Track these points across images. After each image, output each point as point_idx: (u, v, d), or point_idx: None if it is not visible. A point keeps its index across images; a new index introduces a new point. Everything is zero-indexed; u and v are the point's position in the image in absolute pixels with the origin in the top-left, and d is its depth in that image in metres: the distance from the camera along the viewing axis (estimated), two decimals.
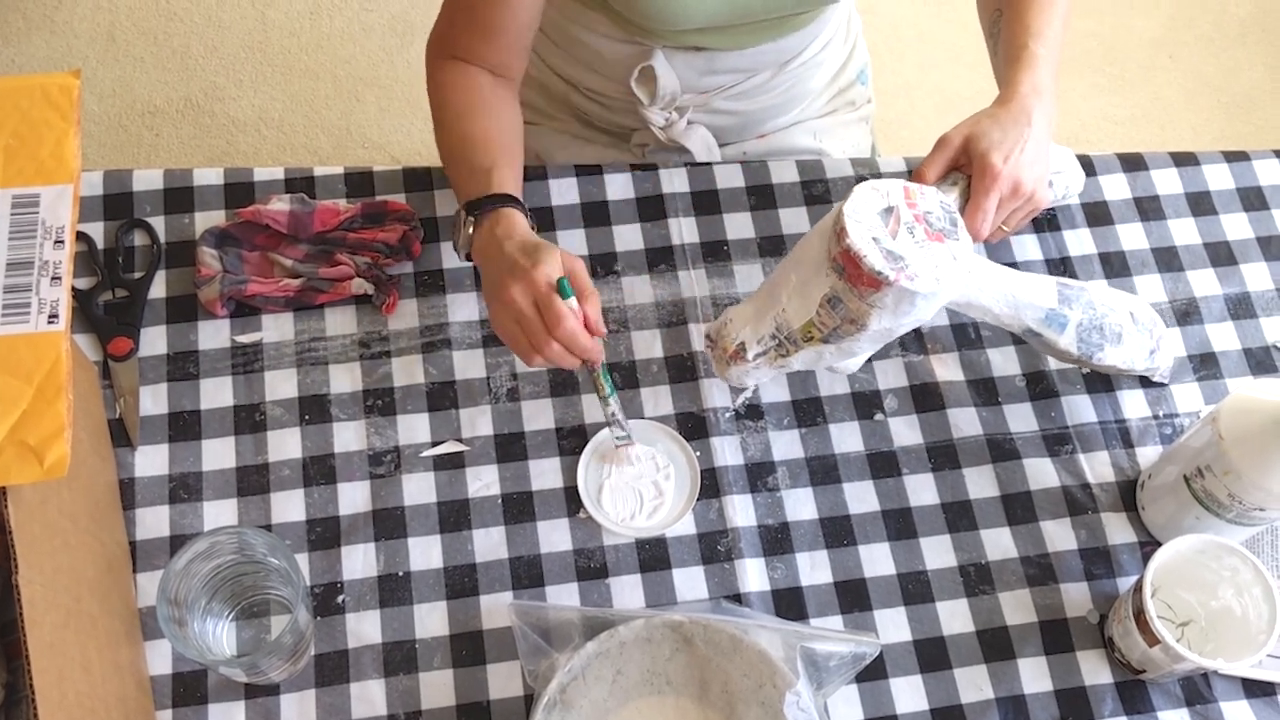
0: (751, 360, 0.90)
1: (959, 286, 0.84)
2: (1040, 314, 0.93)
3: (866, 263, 0.80)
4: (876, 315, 0.83)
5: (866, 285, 0.81)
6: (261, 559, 0.83)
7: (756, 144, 1.24)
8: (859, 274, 0.81)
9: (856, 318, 0.84)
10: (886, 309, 0.82)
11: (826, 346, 0.88)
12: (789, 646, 0.86)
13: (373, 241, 1.02)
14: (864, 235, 0.82)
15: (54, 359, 0.68)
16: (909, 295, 0.81)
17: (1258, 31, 2.31)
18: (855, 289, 0.82)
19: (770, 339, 0.89)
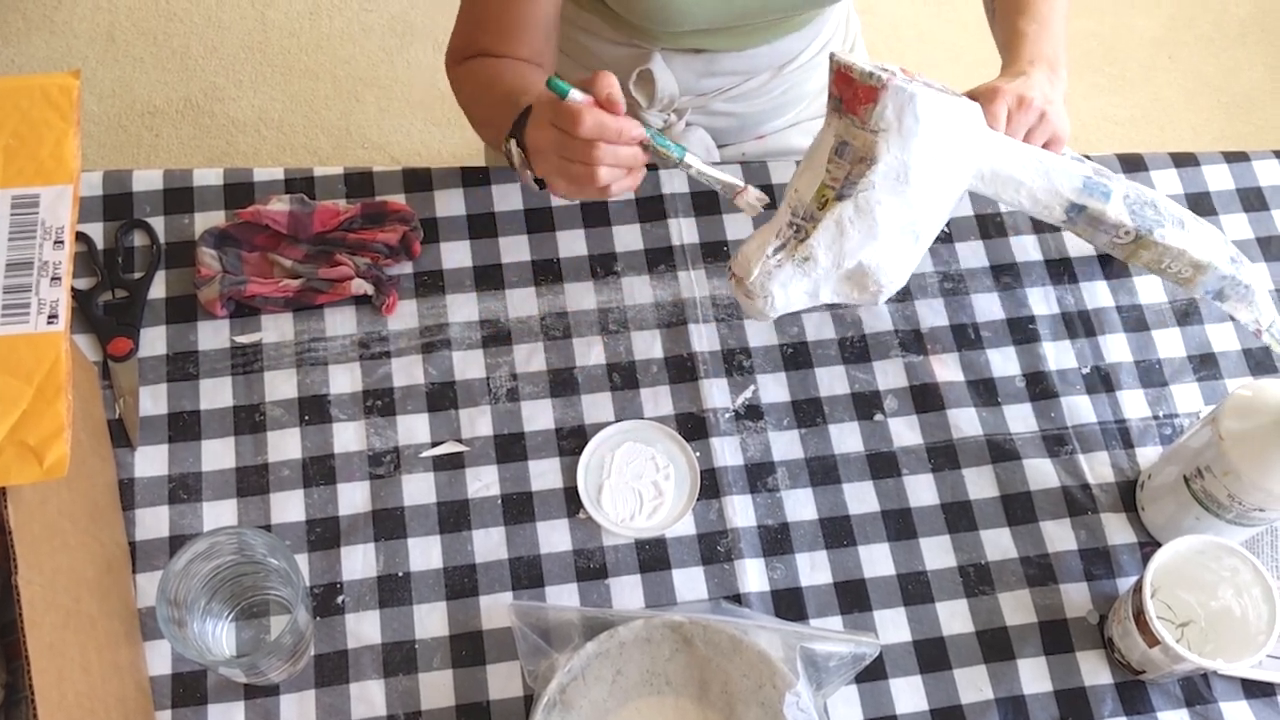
0: (772, 256, 0.84)
1: (986, 133, 0.83)
2: (1078, 181, 0.88)
3: (857, 69, 0.79)
4: (884, 142, 0.80)
5: (864, 101, 0.79)
6: (261, 559, 0.83)
7: (755, 145, 1.24)
8: (853, 90, 0.79)
9: (865, 153, 0.81)
10: (891, 129, 0.79)
11: (844, 209, 0.82)
12: (789, 647, 0.86)
13: (372, 242, 1.02)
14: (852, 58, 0.82)
15: (54, 359, 0.68)
16: (908, 100, 0.79)
17: (1258, 31, 2.31)
18: (855, 116, 0.80)
19: (788, 227, 0.84)
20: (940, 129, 0.81)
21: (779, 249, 0.85)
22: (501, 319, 1.02)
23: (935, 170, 0.83)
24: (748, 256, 0.85)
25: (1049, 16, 0.99)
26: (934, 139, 0.81)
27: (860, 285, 0.86)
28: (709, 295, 1.04)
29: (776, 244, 0.84)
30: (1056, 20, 0.99)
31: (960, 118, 0.82)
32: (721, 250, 1.06)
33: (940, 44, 2.25)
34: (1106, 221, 0.89)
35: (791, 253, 0.84)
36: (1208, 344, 1.04)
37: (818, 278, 0.85)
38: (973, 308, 1.05)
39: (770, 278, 0.84)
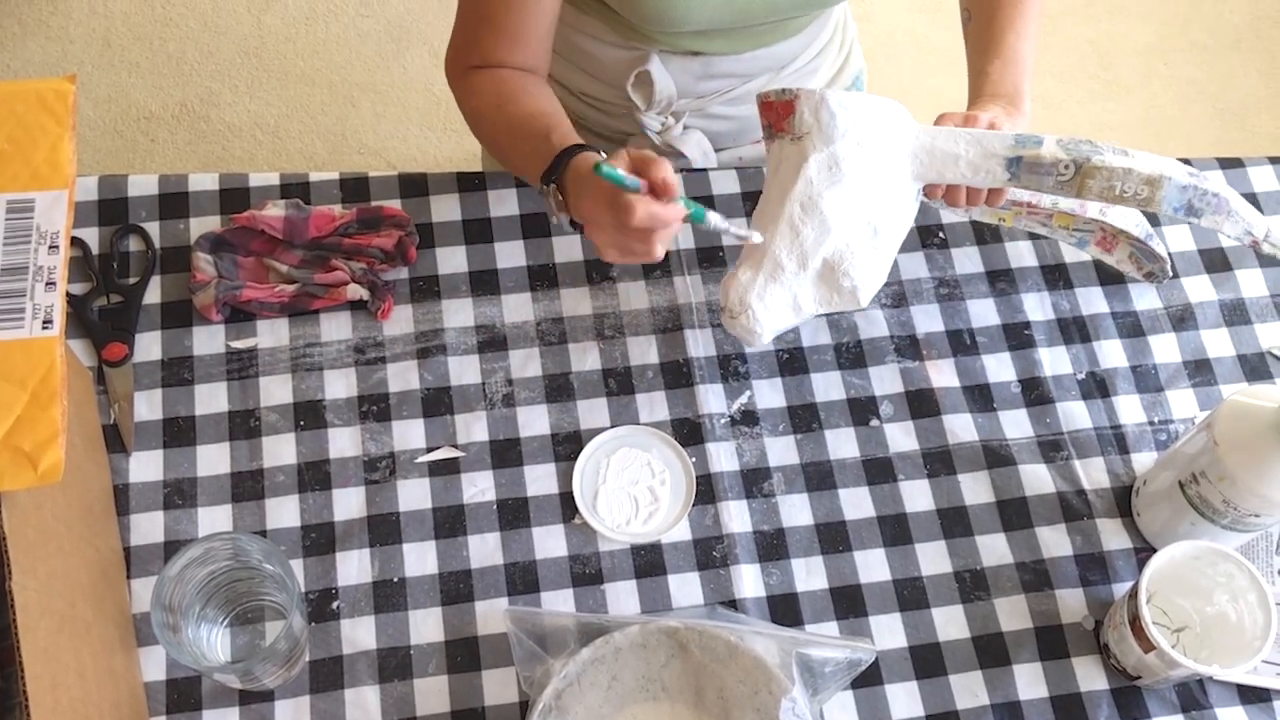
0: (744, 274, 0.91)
1: (890, 116, 0.89)
2: (1009, 140, 0.90)
3: (773, 92, 0.89)
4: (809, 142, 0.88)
5: (784, 115, 0.88)
6: (256, 565, 0.83)
7: (752, 149, 1.24)
8: (774, 111, 0.88)
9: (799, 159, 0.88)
10: (812, 129, 0.87)
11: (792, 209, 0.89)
12: (785, 652, 0.86)
13: (368, 247, 1.02)
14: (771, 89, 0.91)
15: (48, 364, 0.68)
16: (820, 100, 0.86)
17: (1251, 39, 2.32)
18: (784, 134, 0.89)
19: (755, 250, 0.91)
20: (860, 119, 0.87)
21: (748, 267, 0.91)
22: (497, 324, 1.02)
23: (866, 158, 0.89)
24: (726, 286, 0.92)
25: (1015, 49, 1.01)
26: (856, 128, 0.87)
27: (834, 285, 0.92)
28: (705, 301, 1.04)
29: (745, 264, 0.91)
30: (1023, 52, 1.01)
31: (880, 109, 0.89)
32: (717, 256, 1.06)
33: (935, 51, 2.26)
34: (1044, 163, 0.90)
35: (758, 265, 0.90)
36: (1203, 350, 1.04)
37: (790, 284, 0.91)
38: (968, 313, 1.05)
39: (747, 292, 0.90)
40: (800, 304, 0.92)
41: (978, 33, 1.04)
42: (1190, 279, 1.08)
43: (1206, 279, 1.08)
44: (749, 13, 1.03)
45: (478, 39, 1.01)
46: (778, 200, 0.90)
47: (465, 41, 1.02)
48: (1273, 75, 2.29)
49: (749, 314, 0.91)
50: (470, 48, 1.02)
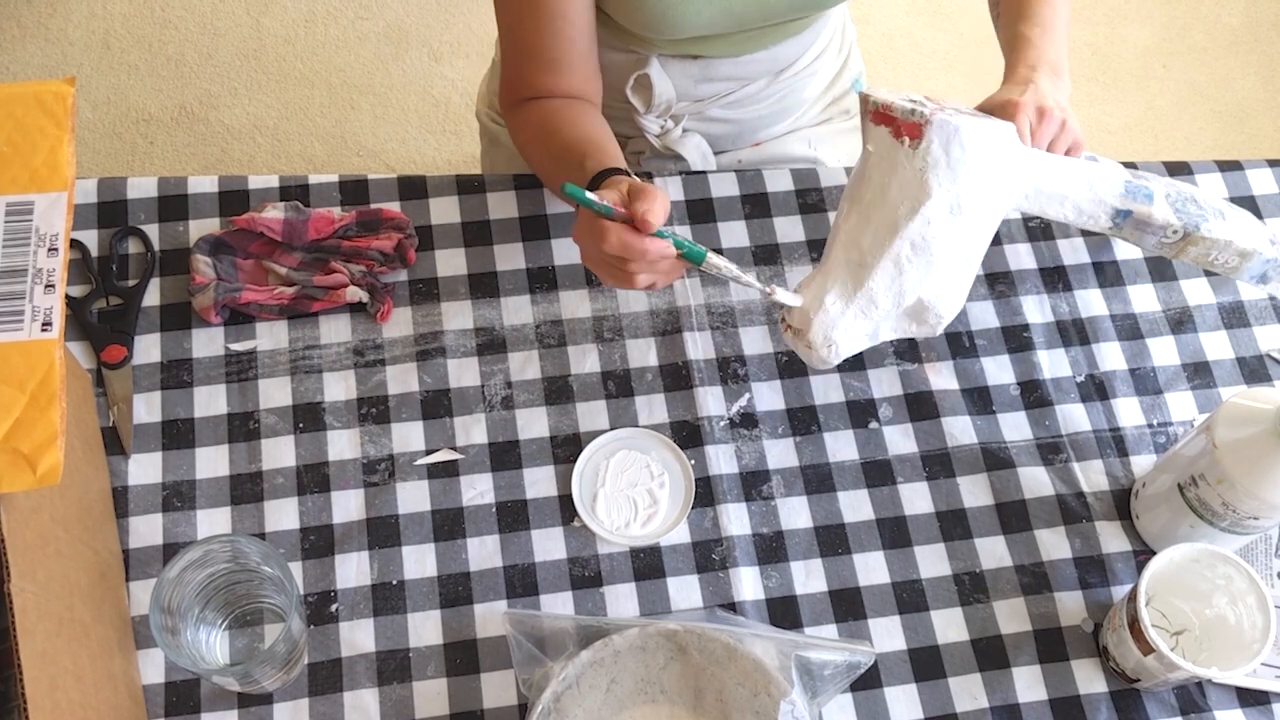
0: (831, 306, 0.84)
1: (1025, 149, 0.84)
2: (1120, 187, 0.88)
3: (898, 107, 0.79)
4: (934, 177, 0.80)
5: (910, 137, 0.79)
6: (255, 567, 0.83)
7: (751, 152, 1.24)
8: (895, 127, 0.79)
9: (917, 193, 0.81)
10: (939, 163, 0.79)
11: (901, 247, 0.82)
12: (784, 655, 0.86)
13: (367, 249, 1.02)
14: (882, 94, 0.81)
15: (47, 367, 0.68)
16: (954, 132, 0.78)
17: (1250, 41, 2.32)
18: (899, 139, 0.81)
19: (843, 271, 0.84)
20: (985, 156, 0.81)
21: (837, 297, 0.84)
22: (496, 327, 1.02)
23: (985, 197, 0.83)
24: (806, 310, 0.85)
25: (1052, 21, 0.99)
26: (981, 167, 0.81)
27: (919, 319, 0.87)
28: (704, 303, 1.04)
29: (834, 292, 0.84)
30: (1059, 25, 0.99)
31: (1000, 142, 0.82)
32: None
33: (934, 54, 2.26)
34: (1154, 224, 0.89)
35: (850, 297, 0.84)
36: (1202, 352, 1.05)
37: (878, 319, 0.86)
38: (967, 316, 1.05)
39: (833, 327, 0.85)
40: (879, 334, 0.87)
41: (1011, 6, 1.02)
42: (1189, 282, 1.08)
43: (1205, 282, 1.08)
44: (745, 17, 1.03)
45: (522, 73, 1.01)
46: (885, 230, 0.83)
47: (512, 76, 1.03)
48: (1271, 78, 2.29)
49: (831, 348, 0.86)
50: (518, 82, 1.02)
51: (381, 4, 2.22)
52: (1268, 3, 2.36)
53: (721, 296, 1.04)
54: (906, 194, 0.81)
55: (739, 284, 0.86)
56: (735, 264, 0.87)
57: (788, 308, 0.87)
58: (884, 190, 0.83)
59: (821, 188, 1.10)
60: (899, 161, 0.81)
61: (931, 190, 0.80)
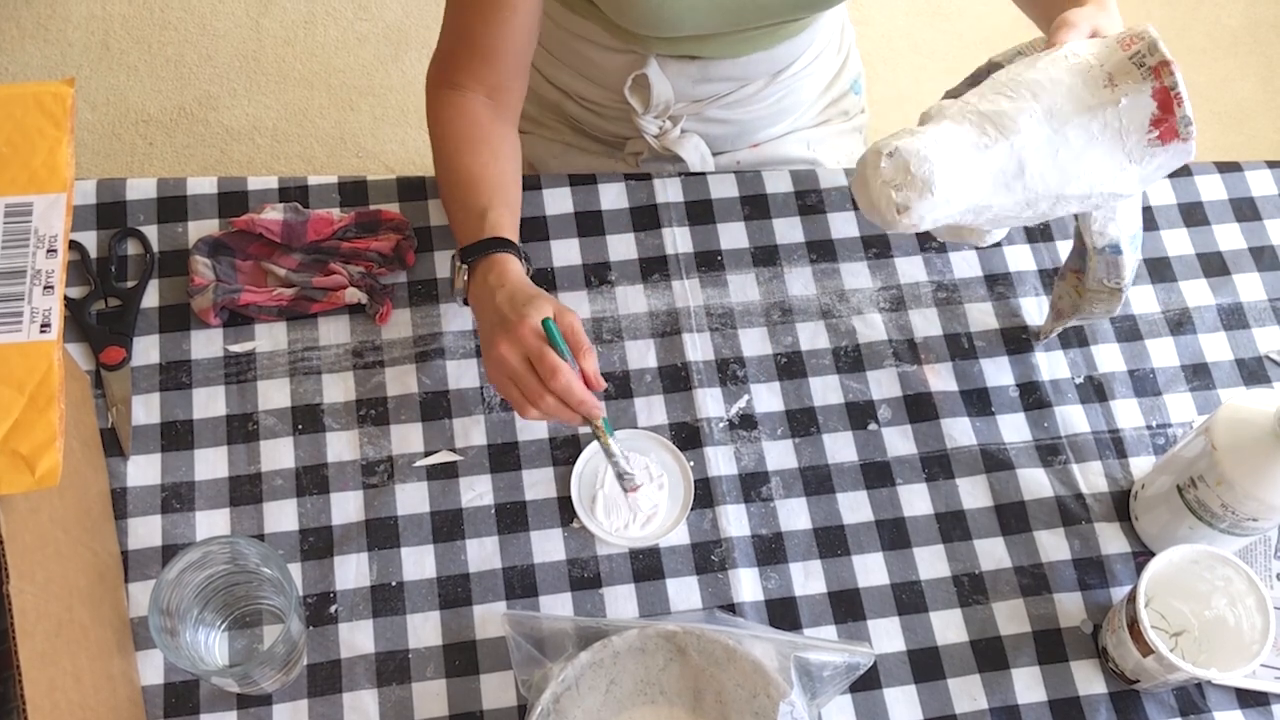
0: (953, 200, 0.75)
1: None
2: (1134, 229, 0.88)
3: (1184, 109, 0.74)
4: (1132, 173, 0.77)
5: (1161, 136, 0.75)
6: (254, 569, 0.83)
7: (750, 153, 1.24)
8: (1163, 119, 0.74)
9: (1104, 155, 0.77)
10: (1148, 168, 0.76)
11: (1044, 200, 0.77)
12: (783, 656, 0.86)
13: (366, 251, 1.02)
14: (1181, 78, 0.75)
15: (46, 368, 0.68)
16: (1180, 158, 0.75)
17: (1249, 43, 2.32)
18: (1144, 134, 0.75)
19: (989, 176, 0.75)
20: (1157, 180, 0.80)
21: (954, 139, 0.76)
22: None
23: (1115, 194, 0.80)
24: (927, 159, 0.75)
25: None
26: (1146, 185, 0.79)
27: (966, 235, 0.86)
28: (703, 305, 1.04)
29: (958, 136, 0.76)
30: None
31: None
32: (715, 260, 1.06)
33: (933, 55, 2.26)
34: (1120, 271, 0.89)
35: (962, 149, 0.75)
36: (1201, 354, 1.05)
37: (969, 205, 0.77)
38: (966, 317, 1.05)
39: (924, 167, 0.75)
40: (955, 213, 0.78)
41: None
42: (1188, 283, 1.08)
43: (1204, 283, 1.08)
44: (742, 16, 1.03)
45: (454, 54, 1.01)
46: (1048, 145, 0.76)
47: (444, 56, 1.02)
48: (1270, 80, 2.29)
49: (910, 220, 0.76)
50: (448, 61, 1.01)
51: (381, 5, 2.22)
52: (1267, 4, 2.36)
53: (721, 298, 1.04)
54: (1101, 168, 0.76)
55: (614, 467, 0.91)
56: (622, 457, 0.91)
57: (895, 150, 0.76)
58: (1088, 144, 0.76)
59: (820, 189, 1.10)
60: (1126, 138, 0.75)
61: (1116, 182, 0.77)
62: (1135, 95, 0.74)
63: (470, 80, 1.00)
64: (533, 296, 0.88)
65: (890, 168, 0.75)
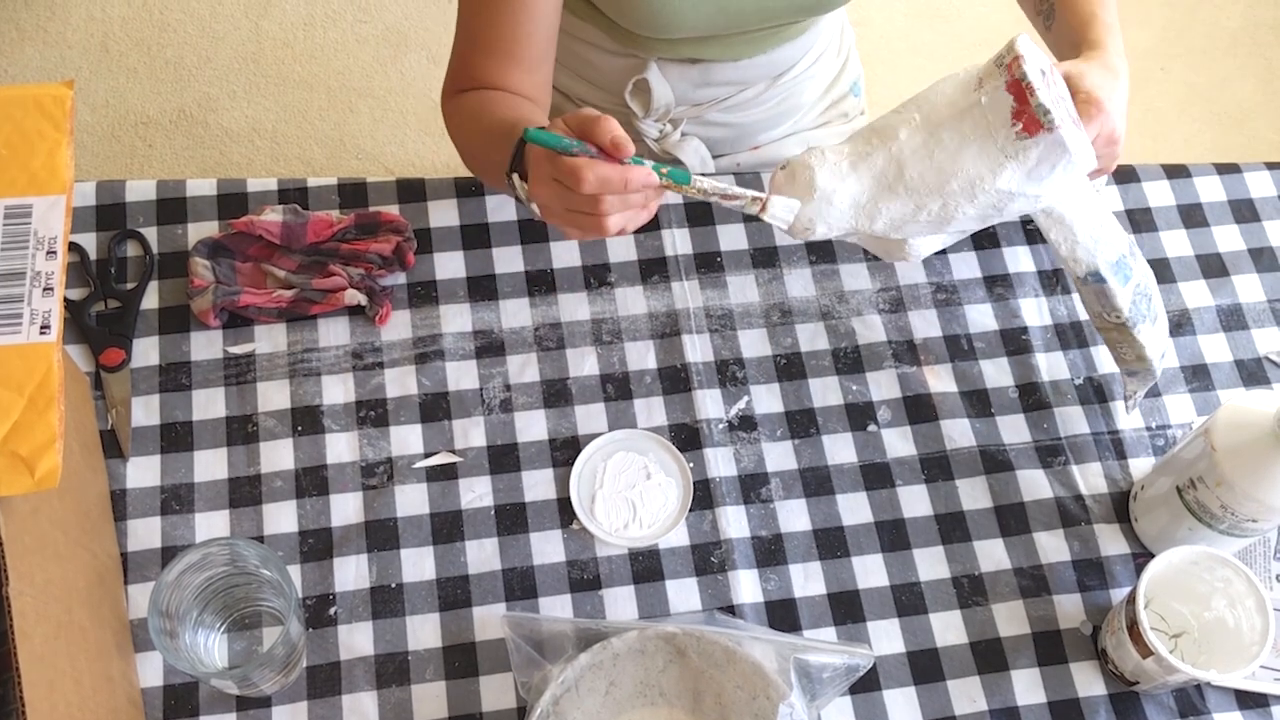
0: (837, 203, 0.80)
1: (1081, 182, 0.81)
2: (1114, 256, 0.88)
3: (1037, 98, 0.75)
4: (1010, 170, 0.78)
5: (1024, 129, 0.76)
6: (253, 570, 0.83)
7: (750, 156, 1.24)
8: (1022, 108, 0.75)
9: (987, 170, 0.79)
10: (1025, 164, 0.77)
11: (932, 200, 0.80)
12: (782, 658, 0.86)
13: (366, 252, 1.02)
14: (1035, 68, 0.76)
15: (45, 370, 0.68)
16: (1059, 151, 0.76)
17: (1249, 44, 2.32)
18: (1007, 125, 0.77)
19: (870, 181, 0.80)
20: (1058, 180, 0.80)
21: (849, 199, 0.80)
22: (495, 330, 1.02)
23: (1025, 202, 0.81)
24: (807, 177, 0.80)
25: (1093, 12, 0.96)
26: (1047, 186, 0.80)
27: (889, 251, 0.85)
28: (702, 306, 1.04)
29: (848, 193, 0.80)
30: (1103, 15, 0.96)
31: (1078, 174, 0.80)
32: (715, 261, 1.06)
33: (933, 56, 2.26)
34: (1110, 301, 0.91)
35: (860, 206, 0.80)
36: (1200, 355, 1.05)
37: (861, 229, 0.81)
38: (965, 319, 1.05)
39: (818, 219, 0.80)
40: (847, 237, 0.84)
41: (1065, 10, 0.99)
42: (1187, 284, 1.08)
43: (1204, 284, 1.08)
44: (743, 18, 1.03)
45: (469, 61, 0.97)
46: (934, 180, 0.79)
47: (459, 66, 0.99)
48: (1269, 80, 2.29)
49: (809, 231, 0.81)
50: (462, 72, 0.98)
51: (380, 7, 2.22)
52: (1266, 6, 2.37)
53: (720, 300, 1.04)
54: (977, 165, 0.79)
55: (726, 203, 0.81)
56: (722, 179, 0.82)
57: (807, 155, 0.81)
58: (962, 145, 0.79)
59: None
60: (995, 134, 0.78)
61: (998, 179, 0.78)
62: (994, 92, 0.78)
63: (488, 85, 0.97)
64: None
65: (782, 177, 0.82)
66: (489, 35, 0.96)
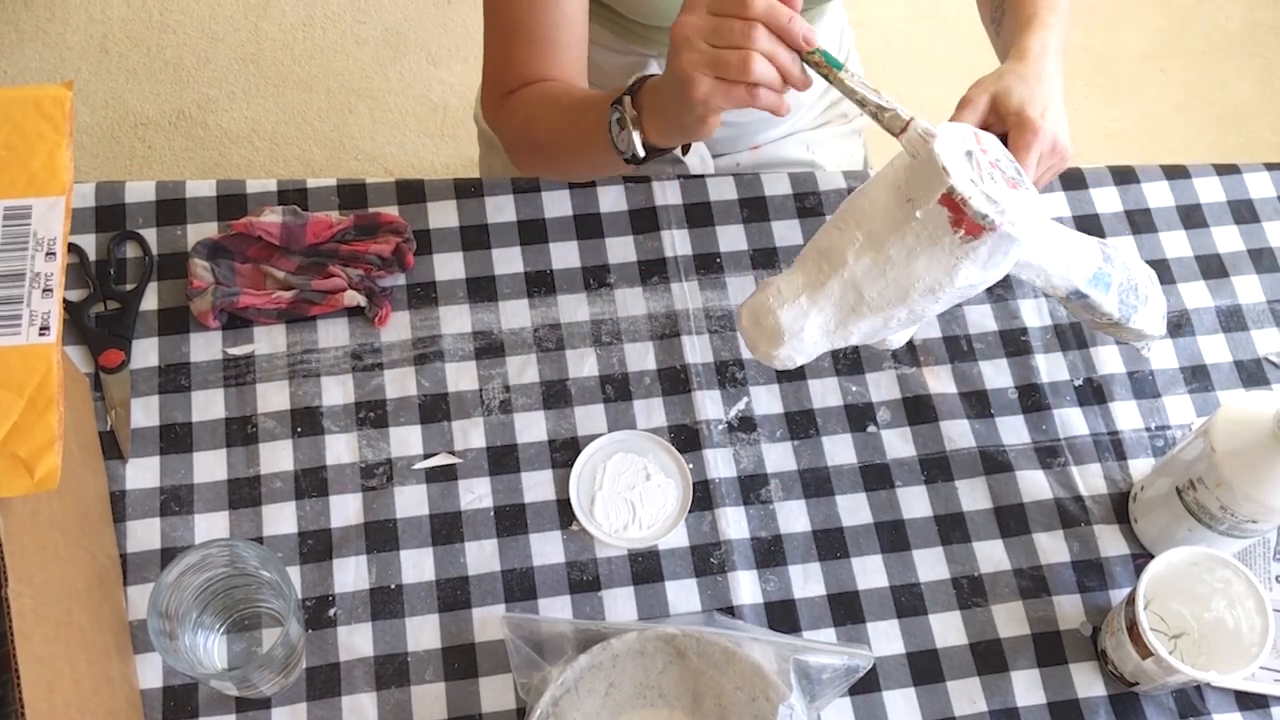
0: (808, 337, 0.79)
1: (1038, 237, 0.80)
2: (1089, 272, 0.88)
3: (972, 206, 0.73)
4: (965, 268, 0.77)
5: (967, 233, 0.74)
6: (253, 572, 0.83)
7: (749, 155, 1.24)
8: (960, 217, 0.74)
9: (943, 274, 0.77)
10: (978, 261, 0.76)
11: (898, 310, 0.79)
12: (782, 659, 0.86)
13: (365, 253, 1.02)
14: (963, 177, 0.74)
15: (45, 371, 0.68)
16: (1007, 242, 0.75)
17: (1249, 45, 2.32)
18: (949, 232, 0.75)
19: (832, 309, 0.79)
20: (1016, 258, 0.78)
21: (819, 328, 0.80)
22: (494, 331, 1.02)
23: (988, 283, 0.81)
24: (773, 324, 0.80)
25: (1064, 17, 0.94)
26: (1008, 267, 0.79)
27: (868, 347, 0.86)
28: (702, 307, 1.04)
29: (819, 323, 0.80)
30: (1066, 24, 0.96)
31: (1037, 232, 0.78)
32: (714, 262, 1.06)
33: (932, 58, 2.26)
34: (1099, 310, 0.91)
35: (830, 332, 0.80)
36: (1200, 356, 1.05)
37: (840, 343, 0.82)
38: (965, 320, 1.05)
39: (799, 353, 0.80)
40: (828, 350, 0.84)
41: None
42: (1187, 285, 1.08)
43: (1203, 285, 1.08)
44: None
45: (511, 57, 0.99)
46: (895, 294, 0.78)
47: (500, 63, 1.00)
48: (1269, 81, 2.29)
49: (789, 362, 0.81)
50: (505, 69, 0.99)
51: (380, 8, 2.22)
52: (1265, 6, 2.37)
53: (720, 301, 1.04)
54: (932, 272, 0.78)
55: (865, 109, 0.78)
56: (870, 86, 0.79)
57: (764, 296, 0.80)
58: (910, 257, 0.78)
59: (819, 191, 1.10)
60: (940, 242, 0.76)
61: (955, 280, 0.77)
62: (927, 206, 0.75)
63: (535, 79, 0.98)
64: None
65: (748, 322, 0.80)
66: (526, 26, 0.97)
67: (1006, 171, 0.78)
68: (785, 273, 0.80)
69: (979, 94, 0.86)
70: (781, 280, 0.80)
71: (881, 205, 0.77)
